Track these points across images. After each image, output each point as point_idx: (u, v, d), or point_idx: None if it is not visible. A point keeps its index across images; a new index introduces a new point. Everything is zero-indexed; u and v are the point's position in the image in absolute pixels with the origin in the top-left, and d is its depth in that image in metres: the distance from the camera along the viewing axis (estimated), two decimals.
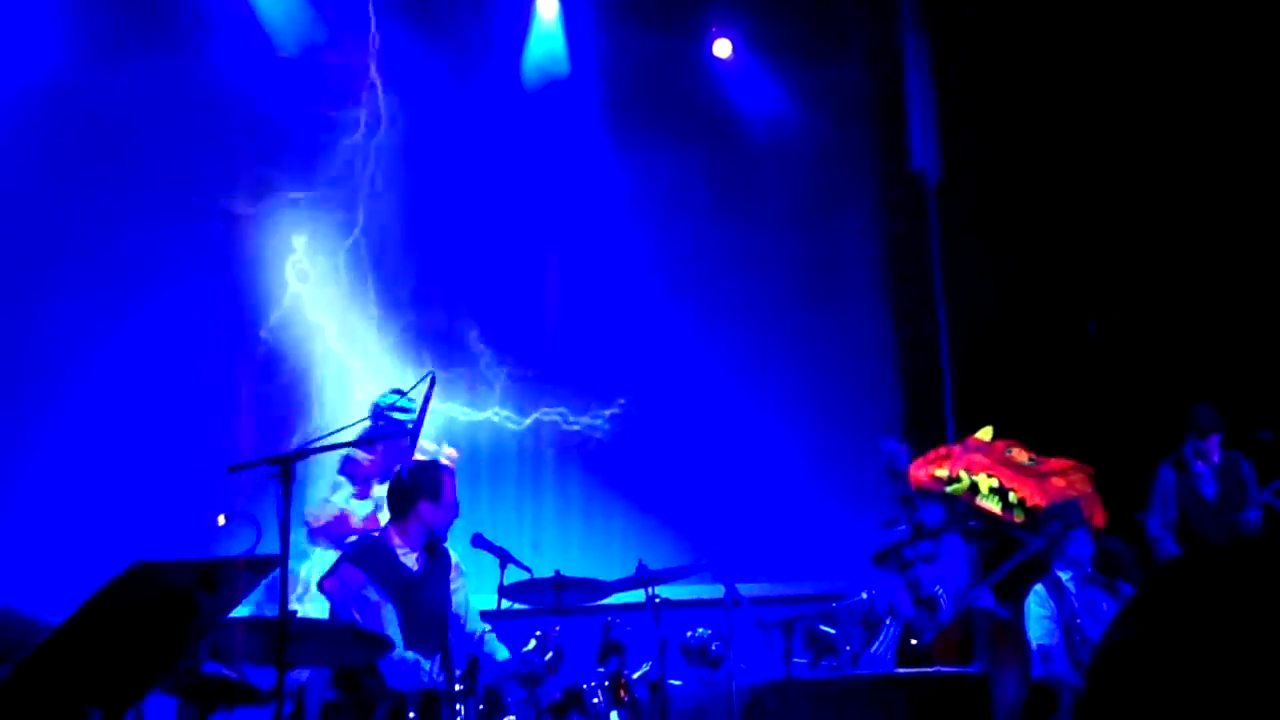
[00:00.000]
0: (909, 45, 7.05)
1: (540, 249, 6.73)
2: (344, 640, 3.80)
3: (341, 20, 6.18)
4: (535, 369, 6.56)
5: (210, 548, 4.59)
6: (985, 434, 4.18)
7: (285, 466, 3.25)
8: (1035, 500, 4.88)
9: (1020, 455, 4.02)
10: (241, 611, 3.36)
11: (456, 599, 4.33)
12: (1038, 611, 5.01)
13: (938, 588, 5.30)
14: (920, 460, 4.22)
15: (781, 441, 7.05)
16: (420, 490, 4.23)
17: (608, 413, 6.65)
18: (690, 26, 7.15)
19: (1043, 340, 6.92)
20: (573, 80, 6.86)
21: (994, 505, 4.33)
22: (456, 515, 4.37)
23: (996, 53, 7.04)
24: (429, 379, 4.18)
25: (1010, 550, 5.55)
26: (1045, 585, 5.05)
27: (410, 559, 4.25)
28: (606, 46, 6.93)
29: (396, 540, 4.26)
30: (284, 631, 3.11)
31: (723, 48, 7.20)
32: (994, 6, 6.95)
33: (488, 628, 4.41)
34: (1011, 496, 3.75)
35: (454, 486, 4.34)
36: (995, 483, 3.71)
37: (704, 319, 7.06)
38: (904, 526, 6.00)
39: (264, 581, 2.77)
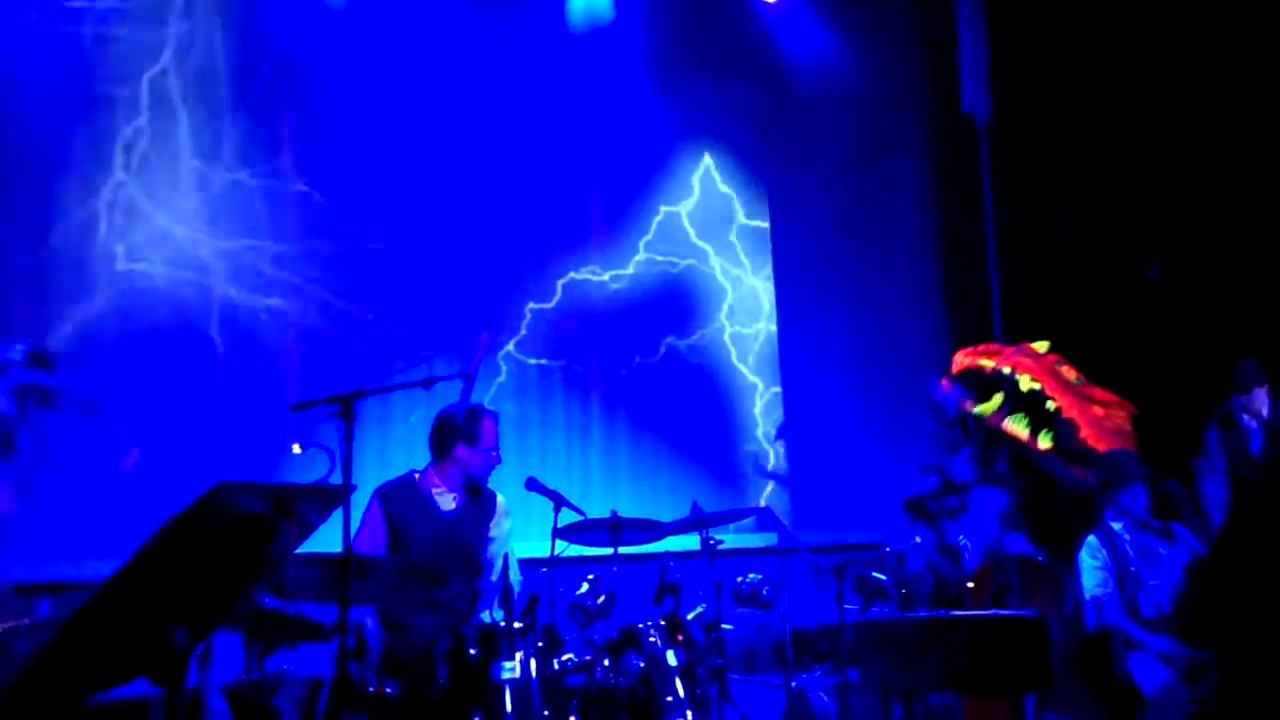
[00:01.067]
0: None
1: (584, 192, 6.67)
2: (402, 577, 3.84)
3: None
4: (580, 313, 6.53)
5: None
6: (1041, 346, 4.11)
7: (347, 405, 3.29)
8: (1071, 414, 4.81)
9: (1069, 372, 3.93)
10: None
11: (494, 545, 4.34)
12: (1090, 563, 4.97)
13: (961, 538, 5.26)
14: (969, 350, 4.14)
15: (830, 385, 7.01)
16: (458, 433, 4.27)
17: (653, 357, 6.65)
18: None
19: (1099, 285, 6.79)
20: (617, 25, 6.75)
21: (1021, 429, 4.25)
22: (497, 462, 4.38)
23: None
24: (485, 325, 4.21)
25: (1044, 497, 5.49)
26: (1097, 535, 5.00)
27: (447, 499, 4.29)
28: None
29: (435, 480, 4.30)
30: (346, 567, 3.15)
31: None
32: None
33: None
34: (1049, 405, 3.68)
35: (495, 432, 4.36)
36: (1037, 386, 3.63)
37: (754, 260, 7.00)
38: (934, 478, 5.96)
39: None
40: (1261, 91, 6.38)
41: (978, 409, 3.65)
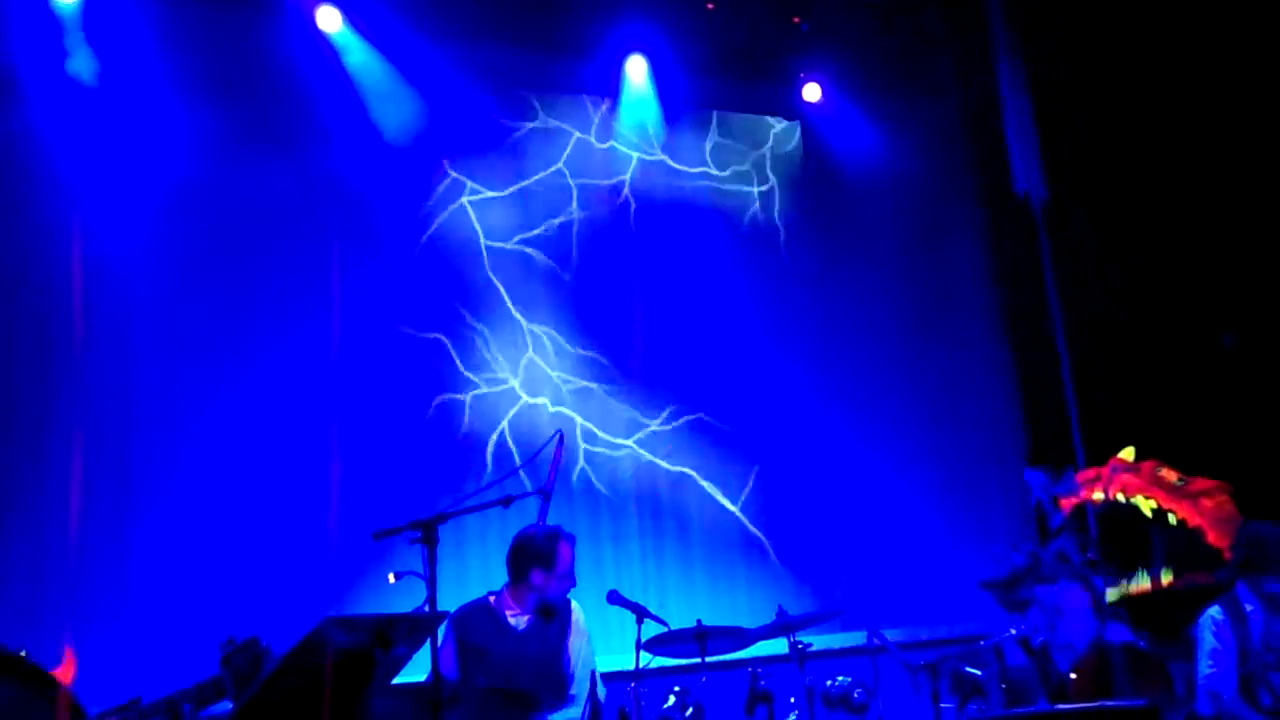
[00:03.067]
0: (1002, 69, 6.95)
1: (647, 305, 6.74)
2: (490, 703, 3.81)
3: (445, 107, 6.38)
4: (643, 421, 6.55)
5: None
6: (1128, 454, 4.03)
7: (428, 530, 3.31)
8: (1188, 517, 4.64)
9: (1170, 475, 3.85)
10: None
11: (574, 659, 4.27)
12: (1210, 643, 4.66)
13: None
14: (1066, 497, 4.09)
15: (903, 480, 6.91)
16: (536, 557, 4.23)
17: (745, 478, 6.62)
18: (779, 74, 7.18)
19: (1171, 357, 6.67)
20: (667, 139, 6.93)
21: (1145, 585, 4.14)
22: (573, 585, 4.33)
23: (1092, 68, 6.90)
24: (557, 437, 4.22)
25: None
26: (1224, 609, 4.68)
27: (520, 620, 4.25)
28: (697, 101, 6.99)
29: (509, 603, 4.28)
30: (437, 695, 3.13)
31: (812, 92, 7.22)
32: (1084, 21, 6.84)
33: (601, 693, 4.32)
34: (1171, 519, 3.59)
35: (572, 556, 4.31)
36: (1154, 504, 3.55)
37: (815, 360, 6.99)
38: (1018, 557, 5.79)
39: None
40: None
41: (1130, 589, 3.60)
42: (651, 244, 6.78)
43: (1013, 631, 5.10)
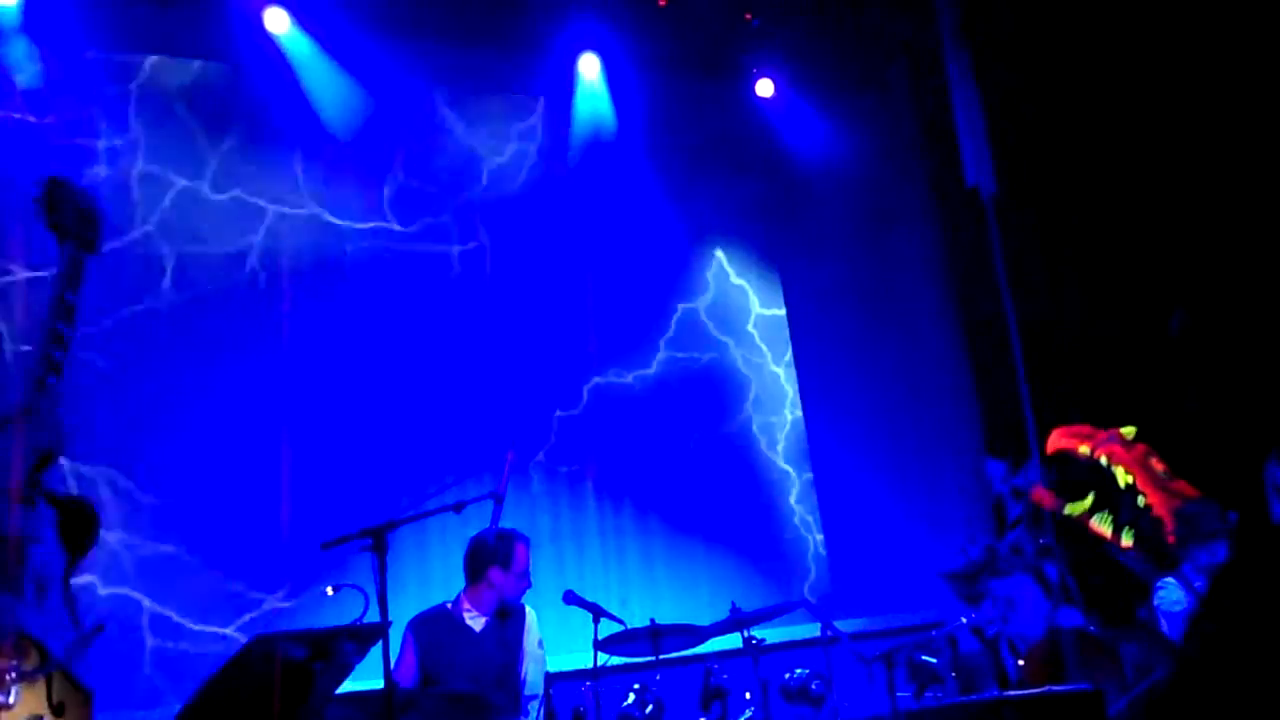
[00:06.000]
0: (950, 62, 7.01)
1: (604, 298, 6.76)
2: (445, 708, 3.83)
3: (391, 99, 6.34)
4: (608, 417, 6.58)
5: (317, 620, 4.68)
6: (1129, 431, 4.11)
7: (379, 538, 3.33)
8: (1160, 512, 4.73)
9: (1158, 465, 3.93)
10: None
11: (528, 660, 4.33)
12: (1175, 603, 4.78)
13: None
14: (1063, 430, 4.15)
15: (860, 470, 6.98)
16: (492, 557, 4.30)
17: (683, 454, 6.66)
18: (731, 70, 7.21)
19: (1121, 341, 6.77)
20: (620, 136, 6.94)
21: (1105, 528, 4.23)
22: (528, 586, 4.40)
23: (1040, 61, 6.97)
24: (510, 450, 4.29)
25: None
26: (1177, 581, 4.83)
27: (477, 622, 4.30)
28: (651, 99, 7.00)
29: (466, 605, 4.33)
30: (389, 703, 3.15)
31: (765, 87, 7.25)
32: (1033, 14, 6.91)
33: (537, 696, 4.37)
34: (1140, 500, 3.66)
35: (527, 556, 4.38)
36: (1130, 480, 3.62)
37: (772, 352, 7.04)
38: (974, 550, 5.89)
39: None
40: (1258, 121, 6.41)
41: (1068, 509, 3.65)
42: (594, 224, 6.78)
43: (964, 620, 5.20)
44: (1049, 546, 5.73)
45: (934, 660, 5.23)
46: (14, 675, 2.18)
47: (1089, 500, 3.94)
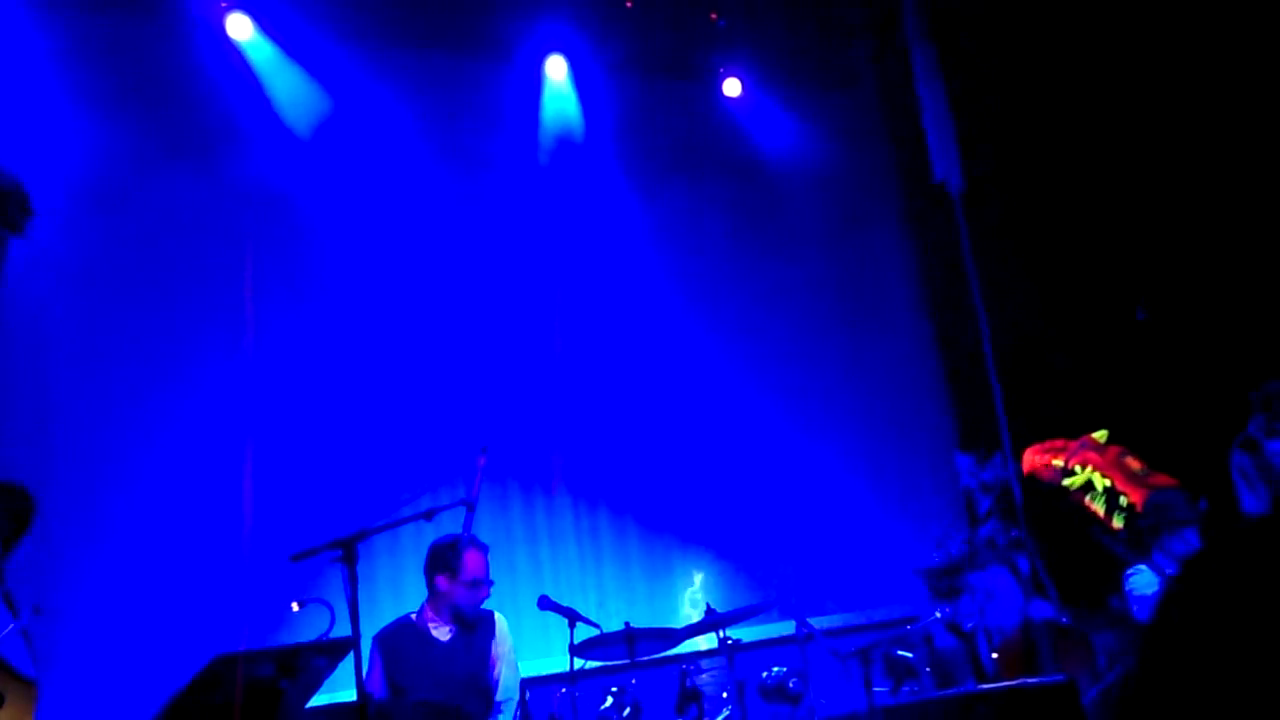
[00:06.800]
0: (916, 59, 7.05)
1: (572, 301, 6.74)
2: (418, 718, 3.82)
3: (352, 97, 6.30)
4: (577, 421, 6.56)
5: (281, 636, 4.63)
6: (1100, 436, 4.15)
7: (349, 549, 3.30)
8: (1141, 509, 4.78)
9: (1134, 463, 3.97)
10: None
11: (496, 669, 4.32)
12: (1146, 586, 4.81)
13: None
14: (1036, 447, 4.20)
15: (835, 468, 7.00)
16: (441, 564, 4.28)
17: (658, 458, 6.64)
18: (698, 69, 7.21)
19: (1089, 334, 6.83)
20: (588, 138, 6.92)
21: (1100, 507, 4.28)
22: (484, 595, 4.37)
23: (1005, 55, 7.02)
24: (482, 451, 4.23)
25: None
26: (1150, 569, 4.87)
27: (442, 631, 4.28)
28: (619, 100, 6.99)
29: (430, 615, 4.33)
30: (363, 715, 3.13)
31: (732, 86, 7.26)
32: (997, 9, 6.95)
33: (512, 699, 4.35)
34: (1122, 500, 3.68)
35: (480, 564, 4.34)
36: (1109, 483, 3.64)
37: (745, 354, 7.05)
38: (954, 545, 5.94)
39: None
40: (1229, 123, 6.48)
41: (1066, 480, 3.67)
42: (563, 226, 6.75)
43: (938, 615, 5.23)
44: (1020, 539, 5.79)
45: (910, 655, 5.26)
46: None
47: (1087, 473, 3.98)
